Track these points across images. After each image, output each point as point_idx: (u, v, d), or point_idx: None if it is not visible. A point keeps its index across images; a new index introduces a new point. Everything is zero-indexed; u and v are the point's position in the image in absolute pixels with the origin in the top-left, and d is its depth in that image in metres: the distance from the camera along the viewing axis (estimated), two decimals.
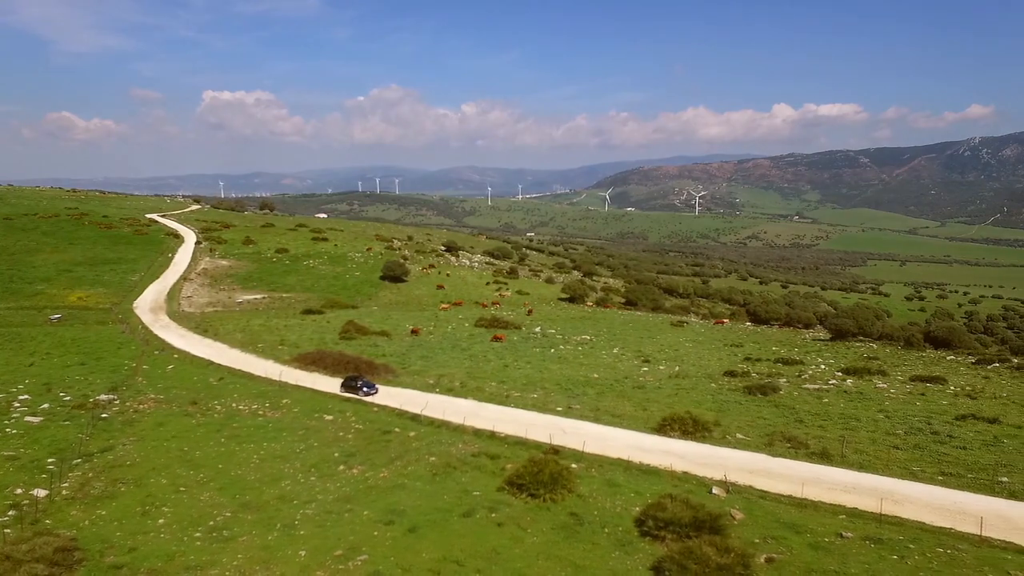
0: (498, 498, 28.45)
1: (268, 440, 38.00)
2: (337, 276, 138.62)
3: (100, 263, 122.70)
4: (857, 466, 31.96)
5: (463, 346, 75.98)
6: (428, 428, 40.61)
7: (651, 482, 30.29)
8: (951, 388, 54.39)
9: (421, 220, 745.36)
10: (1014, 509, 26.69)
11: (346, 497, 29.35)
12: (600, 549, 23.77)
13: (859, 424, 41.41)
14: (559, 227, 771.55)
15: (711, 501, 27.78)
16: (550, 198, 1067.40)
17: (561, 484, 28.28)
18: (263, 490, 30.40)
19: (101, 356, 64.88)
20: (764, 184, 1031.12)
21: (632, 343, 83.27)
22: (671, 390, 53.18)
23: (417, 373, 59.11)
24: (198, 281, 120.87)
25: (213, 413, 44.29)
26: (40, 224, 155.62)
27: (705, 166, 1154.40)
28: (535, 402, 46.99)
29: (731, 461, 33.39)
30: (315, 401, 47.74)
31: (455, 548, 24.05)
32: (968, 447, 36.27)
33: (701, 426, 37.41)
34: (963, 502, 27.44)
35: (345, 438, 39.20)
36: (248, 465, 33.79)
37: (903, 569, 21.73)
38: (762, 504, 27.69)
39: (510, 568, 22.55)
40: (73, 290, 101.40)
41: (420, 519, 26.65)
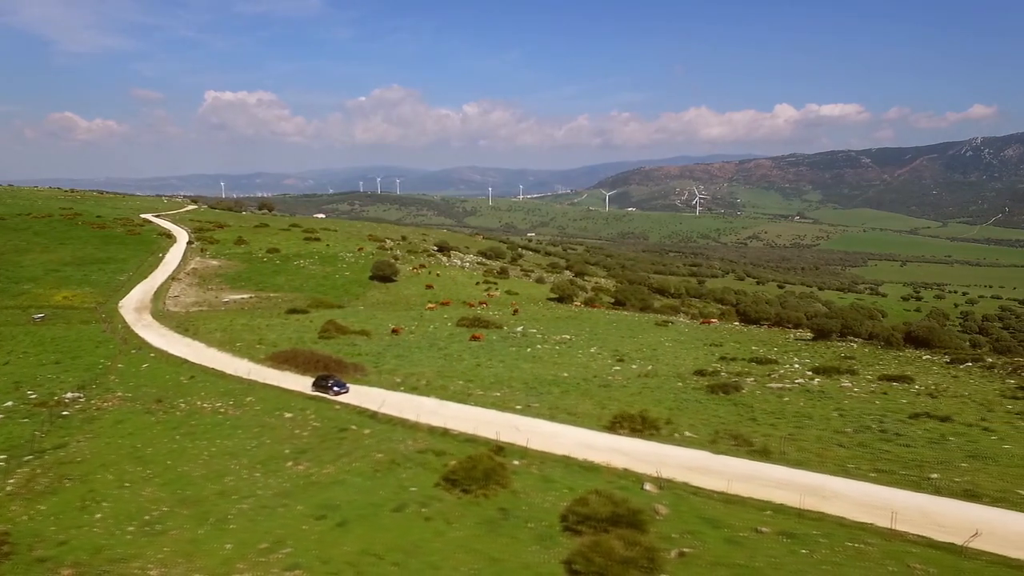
0: (432, 494, 28.86)
1: (222, 437, 38.47)
2: (327, 276, 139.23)
3: (89, 263, 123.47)
4: (794, 463, 32.26)
5: (440, 345, 76.44)
6: (384, 426, 41.02)
7: (588, 479, 30.66)
8: (915, 387, 54.59)
9: (422, 220, 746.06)
10: (934, 504, 26.98)
11: (285, 492, 29.79)
12: (519, 543, 24.15)
13: (811, 422, 41.70)
14: (560, 227, 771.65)
15: (640, 497, 28.14)
16: (551, 198, 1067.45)
17: (494, 480, 28.66)
18: (205, 486, 30.87)
19: (78, 355, 65.50)
20: (765, 184, 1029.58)
21: (611, 342, 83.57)
22: (636, 389, 53.51)
23: (388, 372, 59.54)
24: (186, 281, 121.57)
25: (175, 411, 44.79)
26: (32, 224, 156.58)
27: (706, 166, 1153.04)
28: (496, 400, 47.38)
29: (673, 458, 33.73)
30: (279, 399, 48.16)
31: (378, 542, 24.46)
32: (912, 445, 36.55)
33: (649, 424, 37.75)
34: (889, 498, 27.73)
35: (300, 435, 39.65)
36: (196, 461, 34.26)
37: (808, 562, 22.06)
38: (691, 500, 28.04)
39: (427, 561, 22.95)
40: (59, 290, 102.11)
41: (351, 514, 27.07)
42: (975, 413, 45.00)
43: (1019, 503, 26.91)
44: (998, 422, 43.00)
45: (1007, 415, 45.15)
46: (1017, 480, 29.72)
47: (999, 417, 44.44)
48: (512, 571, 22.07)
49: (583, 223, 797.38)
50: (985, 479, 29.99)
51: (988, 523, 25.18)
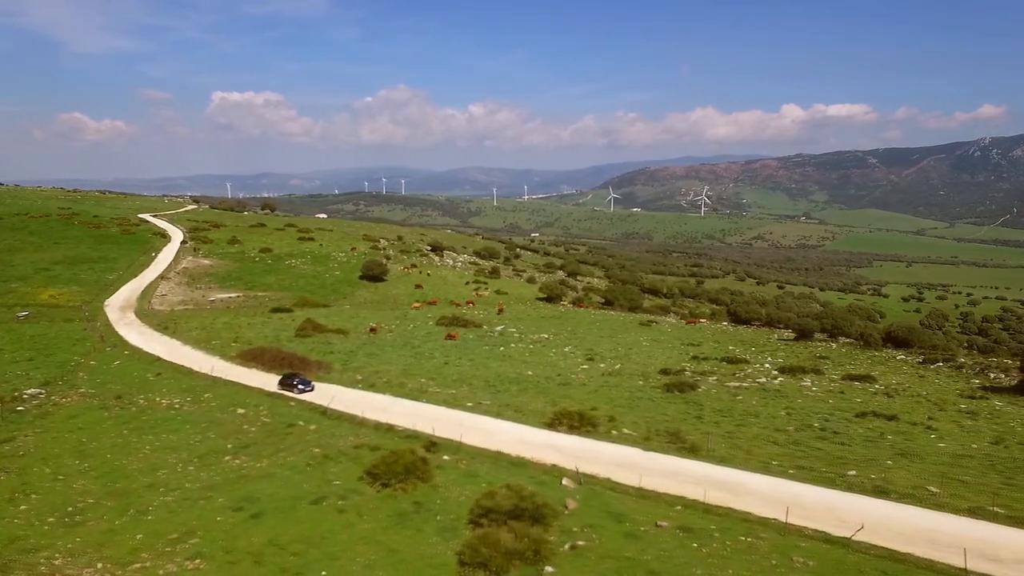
0: (354, 487, 29.35)
1: (168, 432, 39.11)
2: (317, 275, 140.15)
3: (80, 262, 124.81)
4: (720, 460, 32.56)
5: (415, 344, 77.01)
6: (332, 422, 41.56)
7: (512, 474, 31.06)
8: (875, 387, 54.66)
9: (427, 220, 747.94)
10: (842, 500, 27.23)
11: (212, 486, 30.36)
12: (422, 535, 24.60)
13: (755, 420, 41.95)
14: (564, 228, 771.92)
15: (556, 492, 28.54)
16: (556, 199, 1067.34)
17: (415, 475, 29.11)
18: (137, 479, 31.49)
19: (52, 352, 66.41)
20: (771, 185, 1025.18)
21: (588, 342, 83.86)
22: (594, 387, 53.85)
23: (354, 370, 60.12)
24: (175, 280, 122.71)
25: (131, 407, 45.48)
26: (29, 224, 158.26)
27: (712, 166, 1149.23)
28: (448, 398, 47.85)
29: (604, 455, 34.10)
30: (237, 396, 48.77)
31: (286, 533, 24.98)
32: (847, 443, 36.75)
33: (587, 421, 38.14)
34: (800, 494, 28.01)
35: (248, 431, 40.24)
36: (137, 455, 34.90)
37: (696, 555, 22.38)
38: (605, 495, 28.40)
39: (327, 551, 23.44)
40: (47, 288, 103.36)
41: (269, 506, 27.60)
42: (925, 412, 45.10)
43: (925, 499, 27.12)
44: (945, 421, 43.15)
45: (957, 414, 45.26)
46: (932, 477, 29.90)
47: (948, 416, 44.56)
48: (406, 561, 22.52)
49: (588, 223, 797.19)
50: (903, 476, 30.19)
51: (888, 518, 25.44)
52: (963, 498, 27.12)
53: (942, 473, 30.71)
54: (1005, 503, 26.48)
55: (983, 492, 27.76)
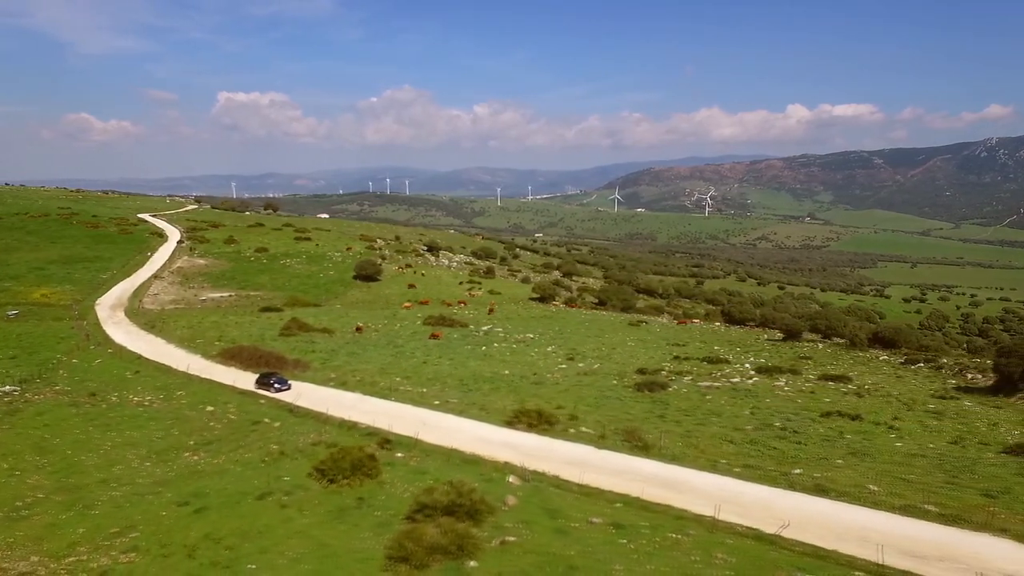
0: (302, 483, 29.66)
1: (133, 429, 39.61)
2: (311, 275, 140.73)
3: (75, 261, 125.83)
4: (670, 458, 32.73)
5: (398, 343, 77.38)
6: (297, 419, 41.93)
7: (462, 471, 31.31)
8: (849, 386, 54.63)
9: (430, 221, 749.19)
10: (781, 498, 27.36)
11: (164, 481, 30.77)
12: (358, 530, 24.88)
13: (717, 419, 42.06)
14: (568, 228, 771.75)
15: (500, 489, 28.77)
16: (560, 199, 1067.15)
17: (362, 471, 29.41)
18: (92, 474, 31.94)
19: (36, 350, 67.10)
20: (776, 185, 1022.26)
21: (573, 342, 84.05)
22: (567, 386, 54.05)
23: (331, 368, 60.55)
24: (169, 279, 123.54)
25: (102, 404, 46.03)
26: (27, 223, 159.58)
27: (717, 167, 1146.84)
28: (417, 396, 48.16)
29: (557, 453, 34.33)
30: (210, 394, 49.22)
31: (225, 527, 25.31)
32: (805, 442, 36.83)
33: (545, 419, 38.36)
34: (740, 492, 28.16)
35: (214, 428, 40.69)
36: (97, 451, 35.37)
37: (621, 551, 22.58)
38: (548, 492, 28.62)
39: (260, 545, 23.75)
40: (40, 287, 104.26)
41: (215, 501, 27.95)
42: (891, 412, 45.08)
43: (862, 497, 27.22)
44: (910, 420, 43.14)
45: (924, 414, 45.22)
46: (878, 476, 29.98)
47: (914, 416, 44.53)
48: (335, 556, 22.81)
49: (591, 224, 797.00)
50: (848, 475, 30.29)
51: (822, 515, 25.58)
52: (901, 496, 27.20)
53: (889, 472, 30.79)
54: (941, 501, 26.55)
55: (923, 490, 27.84)
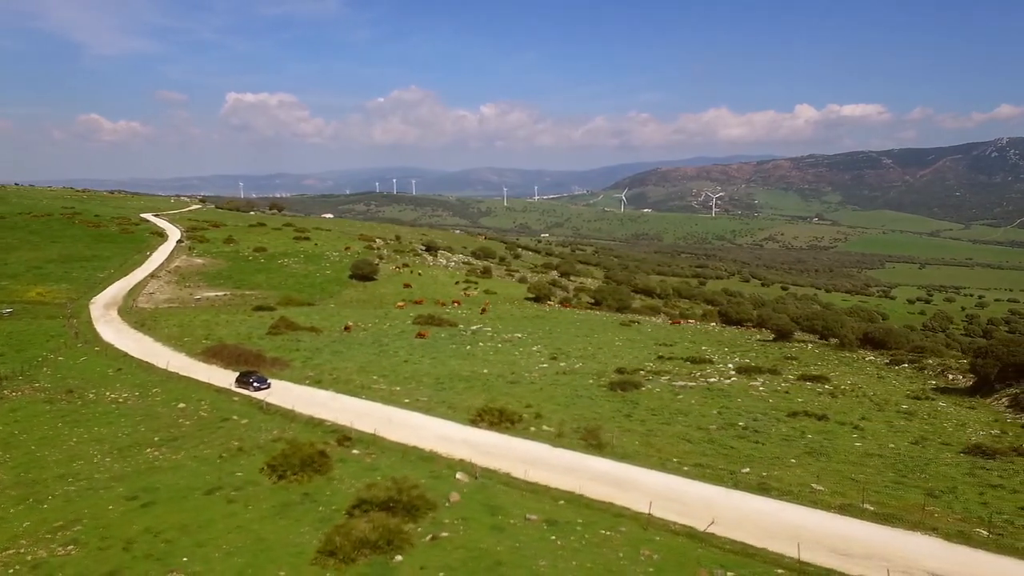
0: (253, 479, 30.02)
1: (102, 425, 40.11)
2: (308, 274, 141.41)
3: (73, 260, 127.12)
4: (621, 456, 32.86)
5: (384, 342, 77.74)
6: (266, 417, 42.34)
7: (414, 467, 31.58)
8: (825, 387, 54.49)
9: (437, 221, 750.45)
10: (723, 497, 27.47)
11: (119, 476, 31.18)
12: (298, 524, 25.18)
13: (683, 419, 42.11)
14: (574, 228, 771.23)
15: (448, 485, 29.00)
16: (567, 199, 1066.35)
17: (311, 467, 29.73)
18: (52, 469, 32.42)
19: (24, 348, 67.92)
20: (784, 185, 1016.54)
21: (560, 341, 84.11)
22: (541, 385, 54.19)
23: (313, 367, 60.93)
24: (165, 278, 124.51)
25: (78, 401, 46.59)
26: (30, 223, 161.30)
27: (724, 167, 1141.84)
28: (389, 394, 48.48)
29: (513, 451, 34.53)
30: (186, 391, 49.71)
31: (167, 521, 25.68)
32: (764, 442, 36.84)
33: (507, 418, 38.57)
34: (685, 490, 28.27)
35: (182, 424, 41.10)
36: (61, 447, 35.87)
37: (550, 547, 22.76)
38: (494, 489, 28.82)
39: (197, 539, 24.10)
40: (36, 286, 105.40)
41: (164, 496, 28.35)
42: (860, 412, 44.97)
43: (803, 496, 27.28)
44: (878, 421, 43.03)
45: (894, 415, 45.09)
46: (826, 476, 29.99)
47: (884, 416, 44.41)
48: (269, 549, 23.11)
49: (598, 224, 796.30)
50: (795, 474, 30.32)
51: (760, 514, 25.66)
52: (843, 495, 27.22)
53: (839, 472, 30.80)
54: (882, 500, 26.56)
55: (867, 490, 27.86)
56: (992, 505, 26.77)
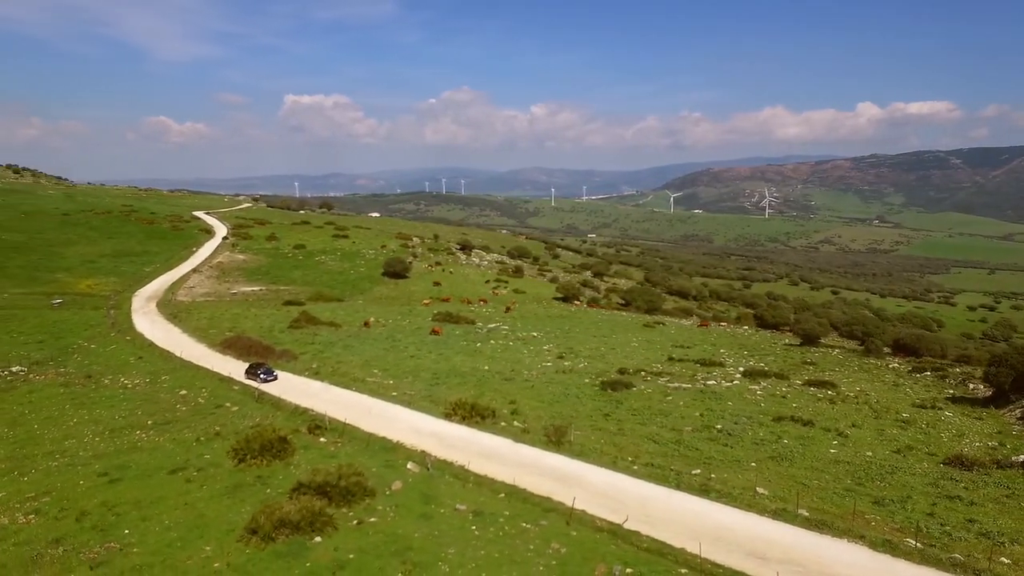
0: (217, 461, 31.59)
1: (104, 407, 42.73)
2: (342, 271, 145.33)
3: (124, 255, 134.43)
4: (576, 454, 32.96)
5: (397, 338, 79.42)
6: (256, 405, 44.19)
7: (372, 456, 32.57)
8: (829, 392, 52.88)
9: (485, 220, 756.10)
10: (661, 496, 27.38)
11: (101, 455, 33.31)
12: (241, 505, 26.45)
13: (661, 420, 41.76)
14: (622, 229, 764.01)
15: (395, 474, 29.84)
16: (615, 199, 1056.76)
17: (270, 452, 31.07)
18: (45, 446, 34.88)
19: (63, 336, 72.54)
20: (843, 186, 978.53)
21: (574, 341, 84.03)
22: (535, 383, 54.49)
23: (321, 360, 62.92)
24: (207, 273, 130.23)
25: (92, 385, 49.68)
26: (91, 219, 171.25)
27: (779, 167, 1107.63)
28: (380, 387, 49.80)
29: (476, 445, 35.12)
30: (193, 379, 52.28)
31: (125, 496, 27.40)
32: (733, 446, 36.24)
33: (477, 412, 39.16)
34: (627, 488, 28.27)
35: (178, 410, 43.37)
36: (60, 427, 38.48)
37: (465, 536, 23.23)
38: (439, 479, 29.47)
39: (145, 513, 25.67)
40: (86, 279, 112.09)
41: (132, 473, 30.19)
42: (854, 419, 43.57)
43: (741, 499, 26.84)
44: (868, 429, 41.63)
45: (891, 423, 43.51)
46: (776, 481, 29.37)
47: (879, 424, 42.91)
48: (205, 526, 24.43)
49: (646, 225, 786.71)
50: (746, 478, 29.86)
51: (693, 514, 25.56)
52: (784, 500, 26.69)
53: (795, 476, 30.12)
54: (821, 506, 25.94)
55: (813, 495, 27.23)
56: (939, 516, 25.70)
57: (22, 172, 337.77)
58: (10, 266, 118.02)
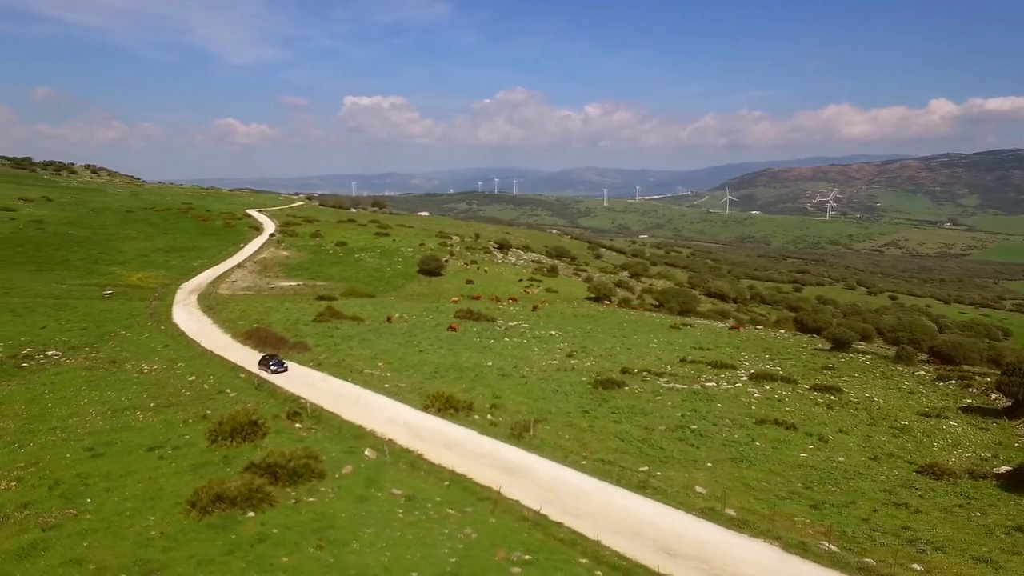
0: (194, 441, 33.67)
1: (115, 390, 45.89)
2: (379, 268, 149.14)
3: (176, 250, 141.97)
4: (534, 448, 33.49)
5: (414, 333, 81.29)
6: (255, 392, 46.51)
7: (336, 442, 34.05)
8: (830, 397, 51.36)
9: (535, 220, 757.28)
10: (599, 490, 27.65)
11: (96, 431, 35.98)
12: (199, 480, 27.98)
13: (641, 419, 41.73)
14: (675, 230, 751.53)
15: (351, 458, 31.16)
16: (670, 200, 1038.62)
17: (240, 435, 32.90)
18: (51, 422, 37.90)
19: (104, 324, 77.64)
20: (912, 187, 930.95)
21: (590, 340, 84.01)
22: (531, 380, 55.08)
23: (334, 352, 65.26)
24: (249, 268, 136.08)
25: (113, 370, 53.26)
26: (151, 216, 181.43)
27: (843, 167, 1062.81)
28: (376, 379, 51.45)
29: (443, 435, 36.15)
30: (206, 367, 55.27)
31: (100, 470, 29.68)
32: (700, 446, 35.98)
33: (451, 405, 40.18)
34: (569, 482, 28.75)
35: (182, 394, 46.11)
36: (71, 406, 41.63)
37: (387, 518, 24.20)
38: (393, 466, 30.60)
39: (111, 485, 27.75)
40: (138, 272, 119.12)
41: (115, 449, 32.58)
42: (843, 425, 42.34)
43: (674, 496, 26.86)
44: (854, 435, 40.52)
45: (884, 430, 42.22)
46: (722, 481, 29.15)
47: (871, 431, 41.77)
48: (160, 498, 26.30)
49: (701, 226, 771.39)
50: (689, 477, 29.81)
51: (619, 509, 25.88)
52: (719, 500, 26.53)
53: (744, 478, 29.84)
54: (752, 507, 25.73)
55: (752, 497, 27.00)
56: (874, 522, 24.98)
57: (99, 172, 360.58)
58: (72, 259, 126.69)
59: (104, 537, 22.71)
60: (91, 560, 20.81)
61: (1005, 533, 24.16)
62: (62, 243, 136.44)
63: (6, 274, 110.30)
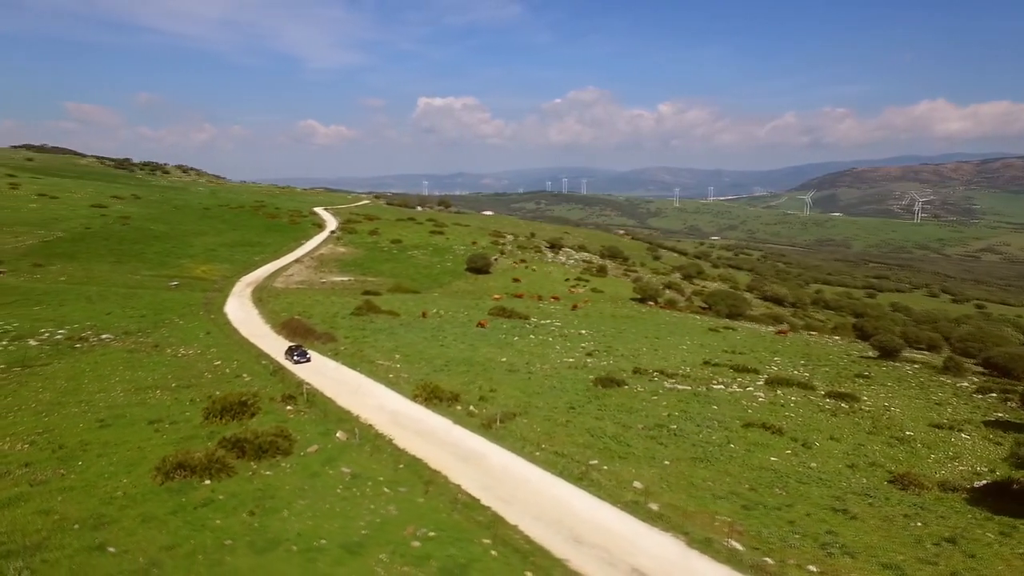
0: (191, 418, 36.77)
1: (147, 370, 50.26)
2: (429, 265, 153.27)
3: (242, 245, 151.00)
4: (496, 438, 34.57)
5: (441, 328, 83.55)
6: (268, 378, 49.80)
7: (317, 424, 36.31)
8: (841, 404, 49.57)
9: (604, 220, 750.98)
10: (541, 480, 28.41)
11: (114, 405, 39.86)
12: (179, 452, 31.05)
13: (624, 416, 41.89)
14: (749, 232, 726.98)
15: (322, 440, 33.31)
16: (745, 201, 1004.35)
17: (229, 414, 35.75)
18: (81, 396, 42.21)
19: (162, 312, 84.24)
20: (1015, 188, 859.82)
21: (618, 341, 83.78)
22: (536, 375, 55.96)
23: (360, 343, 68.36)
24: (307, 264, 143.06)
25: (153, 352, 58.14)
26: (225, 214, 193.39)
27: (936, 167, 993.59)
28: (383, 369, 53.74)
29: (420, 423, 37.83)
30: (233, 353, 59.31)
31: (102, 438, 33.07)
32: (669, 445, 35.92)
33: (436, 395, 41.75)
34: (517, 471, 29.74)
35: (204, 376, 49.95)
36: (102, 383, 46.07)
37: (326, 492, 25.95)
38: (356, 448, 32.48)
39: (105, 451, 30.91)
40: (203, 265, 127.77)
41: (122, 422, 36.11)
42: (836, 432, 40.96)
43: (609, 490, 27.32)
44: (845, 443, 39.28)
45: (882, 439, 40.48)
46: (668, 479, 29.24)
47: (864, 439, 40.18)
48: (137, 464, 29.17)
49: (776, 228, 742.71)
50: (634, 473, 30.01)
51: (550, 499, 26.67)
52: (652, 496, 26.80)
53: (691, 477, 29.79)
54: (680, 505, 25.86)
55: (688, 496, 27.08)
56: (799, 525, 24.46)
57: (189, 171, 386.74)
58: (148, 252, 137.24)
59: (78, 494, 25.67)
60: (58, 512, 23.69)
61: (934, 544, 23.20)
62: (141, 237, 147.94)
63: (90, 265, 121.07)
